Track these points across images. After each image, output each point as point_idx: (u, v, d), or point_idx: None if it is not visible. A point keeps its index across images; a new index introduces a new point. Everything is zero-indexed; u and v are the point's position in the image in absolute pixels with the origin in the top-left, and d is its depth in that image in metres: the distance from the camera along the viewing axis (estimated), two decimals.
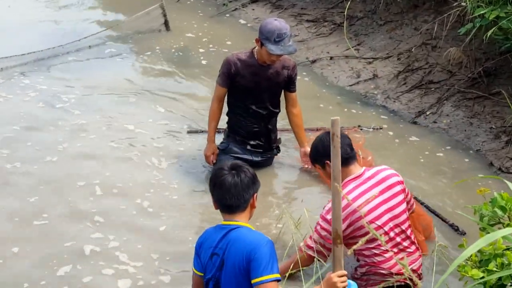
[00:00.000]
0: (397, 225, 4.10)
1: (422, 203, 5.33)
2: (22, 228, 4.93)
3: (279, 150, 5.93)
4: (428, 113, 7.01)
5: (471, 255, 2.54)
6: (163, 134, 6.45)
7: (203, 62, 8.49)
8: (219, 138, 5.83)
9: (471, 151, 6.32)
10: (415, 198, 5.29)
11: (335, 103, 7.43)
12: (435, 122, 6.85)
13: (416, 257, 4.22)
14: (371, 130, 6.67)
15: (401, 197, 4.15)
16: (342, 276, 3.18)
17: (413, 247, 4.20)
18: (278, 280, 3.21)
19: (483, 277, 2.39)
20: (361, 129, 6.63)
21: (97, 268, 4.52)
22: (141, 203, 5.30)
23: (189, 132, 6.51)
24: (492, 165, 6.02)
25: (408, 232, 4.17)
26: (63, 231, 4.92)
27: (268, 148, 5.79)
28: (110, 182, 5.56)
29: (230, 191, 3.31)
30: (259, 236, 3.30)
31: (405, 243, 4.15)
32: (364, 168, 4.22)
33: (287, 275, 3.33)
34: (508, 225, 2.42)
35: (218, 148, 5.70)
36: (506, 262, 2.40)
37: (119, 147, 6.16)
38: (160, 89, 7.56)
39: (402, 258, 3.89)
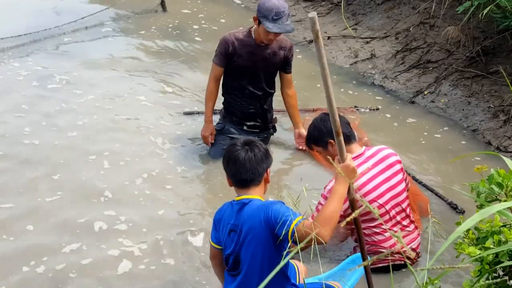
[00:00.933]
0: (397, 204, 4.11)
1: (420, 182, 5.32)
2: (37, 204, 4.97)
3: (275, 130, 5.92)
4: (426, 92, 6.99)
5: (468, 233, 2.53)
6: (160, 115, 6.42)
7: (200, 41, 8.47)
8: (215, 119, 5.80)
9: (469, 131, 6.31)
10: (413, 177, 5.30)
11: (333, 83, 7.28)
12: (433, 101, 6.83)
13: (414, 236, 4.24)
14: (367, 110, 6.65)
15: (400, 175, 4.17)
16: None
17: (412, 226, 4.21)
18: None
19: (480, 254, 2.39)
20: (357, 110, 6.61)
21: (101, 248, 4.53)
22: (142, 185, 5.29)
23: (185, 113, 6.48)
24: (490, 144, 6.01)
25: (408, 210, 4.18)
26: (74, 207, 4.96)
27: (264, 128, 5.78)
28: (114, 165, 5.56)
29: (245, 165, 3.35)
30: (268, 201, 3.36)
31: (405, 222, 4.17)
32: (364, 147, 4.22)
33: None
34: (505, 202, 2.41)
35: (215, 128, 5.69)
36: (503, 239, 2.39)
37: (114, 129, 6.14)
38: (156, 70, 7.55)
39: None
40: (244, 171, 3.35)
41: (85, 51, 7.98)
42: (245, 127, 5.68)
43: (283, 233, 3.16)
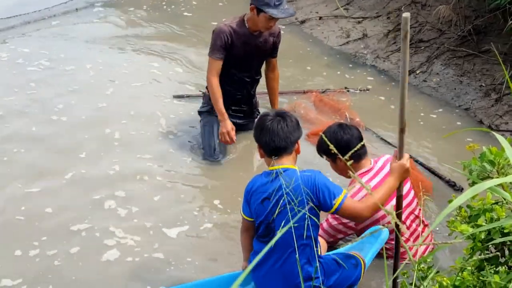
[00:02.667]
0: (411, 212, 4.08)
1: (416, 161, 5.32)
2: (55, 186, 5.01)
3: (259, 113, 5.85)
4: (418, 72, 6.99)
5: (460, 211, 2.55)
6: (150, 99, 6.38)
7: (190, 17, 8.42)
8: (197, 105, 5.76)
9: (461, 110, 6.31)
10: (410, 157, 5.25)
11: (325, 63, 7.41)
12: (425, 81, 6.83)
13: (429, 240, 4.21)
14: (357, 91, 6.63)
15: (408, 184, 4.13)
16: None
17: (426, 232, 4.16)
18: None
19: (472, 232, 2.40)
20: (348, 91, 6.58)
21: (95, 236, 4.51)
22: (144, 170, 5.25)
23: (175, 96, 6.40)
24: (481, 123, 6.02)
25: (421, 216, 4.14)
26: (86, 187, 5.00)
27: (249, 113, 5.76)
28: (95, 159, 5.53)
29: (279, 134, 3.45)
30: (309, 171, 3.44)
31: (420, 228, 4.13)
32: (373, 161, 4.14)
33: None
34: None
35: (200, 111, 5.65)
36: (496, 217, 2.41)
37: (104, 115, 6.10)
38: (147, 50, 7.52)
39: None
40: (278, 140, 3.44)
41: (77, 33, 7.92)
42: (230, 111, 5.54)
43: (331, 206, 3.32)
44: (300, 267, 3.34)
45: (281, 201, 3.32)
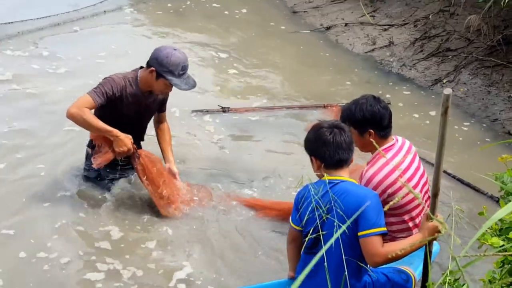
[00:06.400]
0: (426, 191, 4.05)
1: (453, 177, 5.24)
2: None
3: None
4: (445, 81, 6.95)
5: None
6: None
7: (223, 19, 8.46)
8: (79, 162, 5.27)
9: (488, 121, 6.26)
10: (445, 171, 5.14)
11: (350, 72, 7.35)
12: (452, 90, 6.76)
13: None
14: None
15: (422, 164, 4.09)
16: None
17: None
18: (384, 234, 3.32)
19: (503, 245, 2.38)
20: None
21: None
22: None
23: (193, 111, 6.23)
24: (509, 134, 5.96)
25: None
26: None
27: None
28: None
29: (342, 146, 3.43)
30: (366, 190, 3.42)
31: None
32: (394, 137, 4.08)
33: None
34: None
35: (88, 176, 5.07)
36: None
37: None
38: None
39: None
40: (342, 152, 3.43)
41: (104, 36, 7.97)
42: (118, 167, 5.07)
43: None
44: (344, 281, 3.30)
45: (330, 212, 3.30)
